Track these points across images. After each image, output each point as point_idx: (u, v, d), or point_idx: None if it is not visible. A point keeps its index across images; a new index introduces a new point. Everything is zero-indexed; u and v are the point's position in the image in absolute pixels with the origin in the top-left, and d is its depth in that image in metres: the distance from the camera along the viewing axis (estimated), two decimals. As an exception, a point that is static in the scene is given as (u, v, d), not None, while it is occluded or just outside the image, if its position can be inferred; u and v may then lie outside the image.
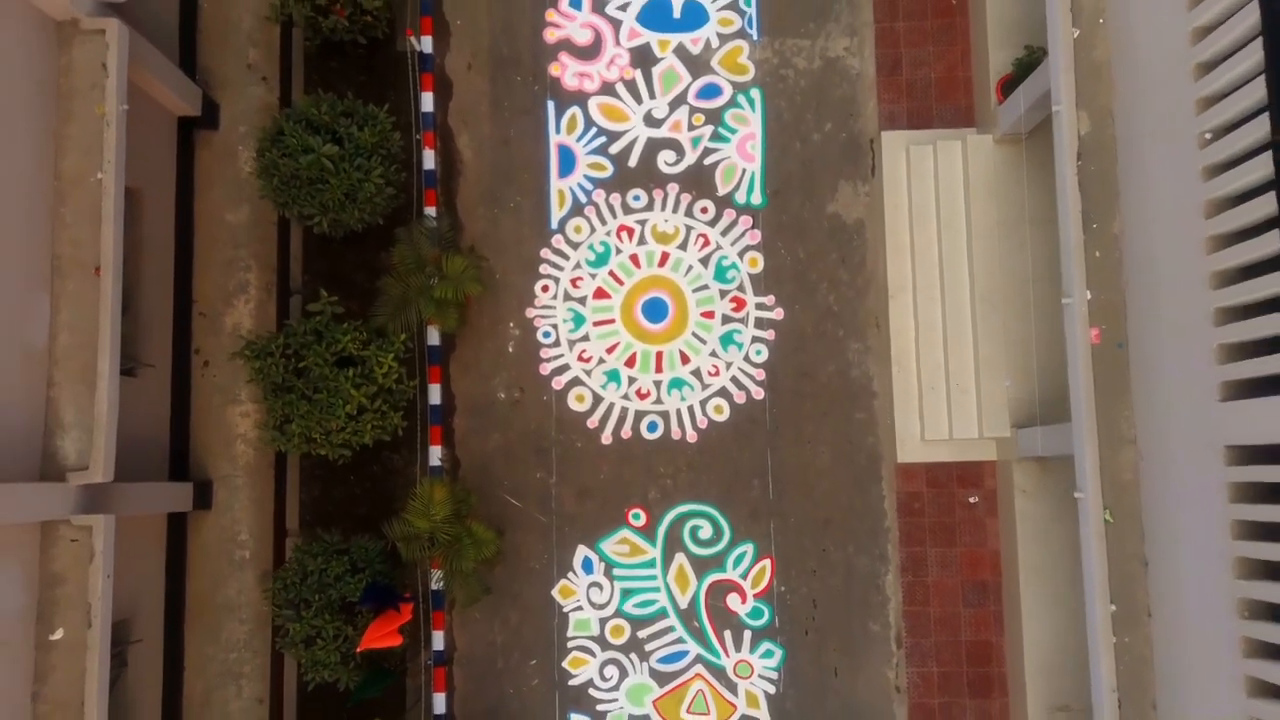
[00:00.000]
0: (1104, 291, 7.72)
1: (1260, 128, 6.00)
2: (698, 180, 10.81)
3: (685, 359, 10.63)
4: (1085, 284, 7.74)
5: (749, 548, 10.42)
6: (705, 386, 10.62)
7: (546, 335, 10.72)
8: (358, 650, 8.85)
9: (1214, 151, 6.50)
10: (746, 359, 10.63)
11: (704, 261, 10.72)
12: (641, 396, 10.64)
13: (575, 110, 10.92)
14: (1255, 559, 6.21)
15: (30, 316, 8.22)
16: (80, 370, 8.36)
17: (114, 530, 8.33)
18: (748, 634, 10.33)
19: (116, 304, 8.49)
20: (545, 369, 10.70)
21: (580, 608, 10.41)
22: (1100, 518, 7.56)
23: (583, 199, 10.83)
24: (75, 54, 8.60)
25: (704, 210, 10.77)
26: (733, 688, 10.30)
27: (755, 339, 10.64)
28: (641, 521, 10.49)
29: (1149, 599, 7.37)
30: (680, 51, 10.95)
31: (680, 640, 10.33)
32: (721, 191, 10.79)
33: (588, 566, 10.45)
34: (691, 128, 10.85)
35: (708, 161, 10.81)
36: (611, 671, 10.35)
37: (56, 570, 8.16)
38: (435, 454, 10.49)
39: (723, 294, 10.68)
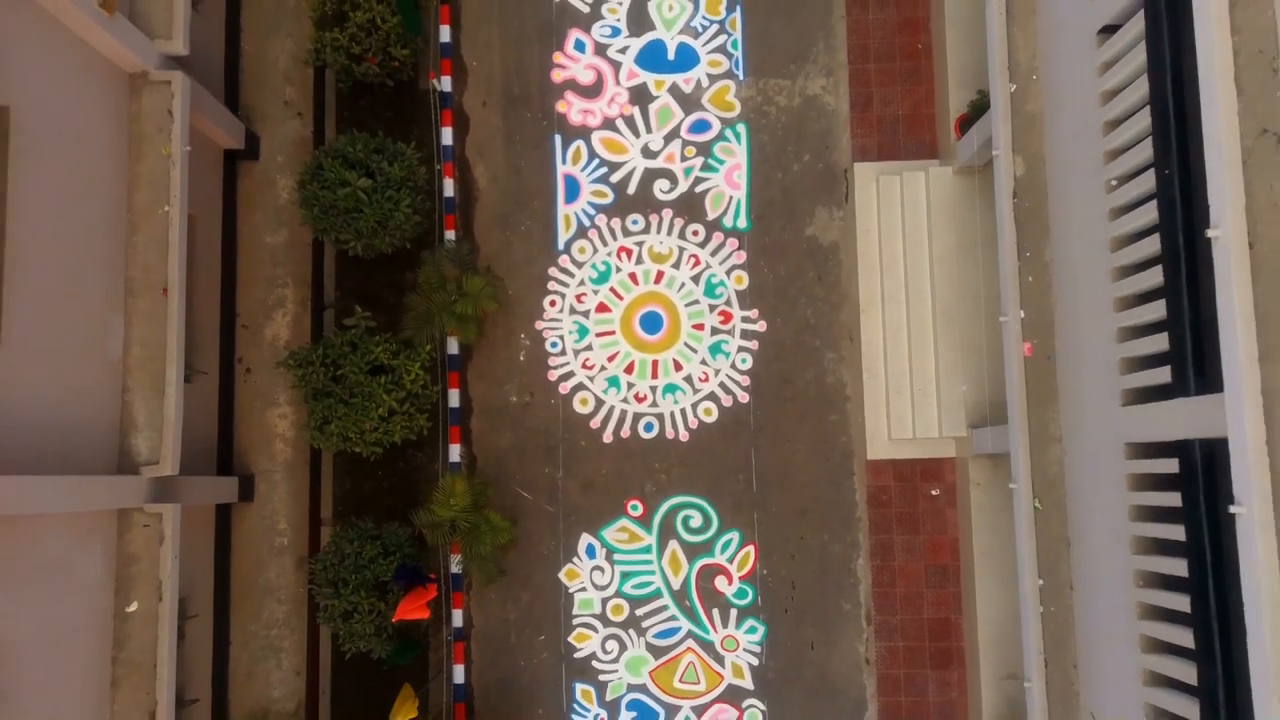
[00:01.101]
0: (1036, 311, 8.96)
1: (1148, 180, 7.24)
2: (689, 206, 12.04)
3: (678, 366, 11.87)
4: (1019, 304, 8.98)
5: (735, 535, 11.65)
6: (696, 391, 11.85)
7: (554, 345, 11.95)
8: (393, 620, 10.08)
9: (1116, 196, 7.72)
10: (733, 366, 11.86)
11: (695, 279, 11.95)
12: (639, 400, 11.87)
13: (579, 143, 12.16)
14: (1148, 538, 7.44)
15: (109, 332, 9.46)
16: (151, 378, 9.60)
17: (180, 517, 9.57)
18: (733, 612, 11.57)
19: (181, 320, 9.74)
20: (553, 375, 11.93)
21: (584, 589, 11.65)
22: (1030, 505, 8.81)
23: (586, 223, 12.07)
24: (145, 102, 9.84)
25: (695, 233, 12.00)
26: (720, 660, 11.53)
27: (741, 349, 11.87)
28: (639, 512, 11.73)
29: (1071, 574, 8.60)
30: (674, 90, 12.19)
31: (673, 618, 11.56)
32: (711, 216, 12.02)
33: (591, 552, 11.69)
34: (684, 159, 12.09)
35: (698, 189, 12.05)
36: (612, 645, 11.58)
37: (132, 551, 9.39)
38: (455, 451, 11.74)
39: (712, 308, 11.92)
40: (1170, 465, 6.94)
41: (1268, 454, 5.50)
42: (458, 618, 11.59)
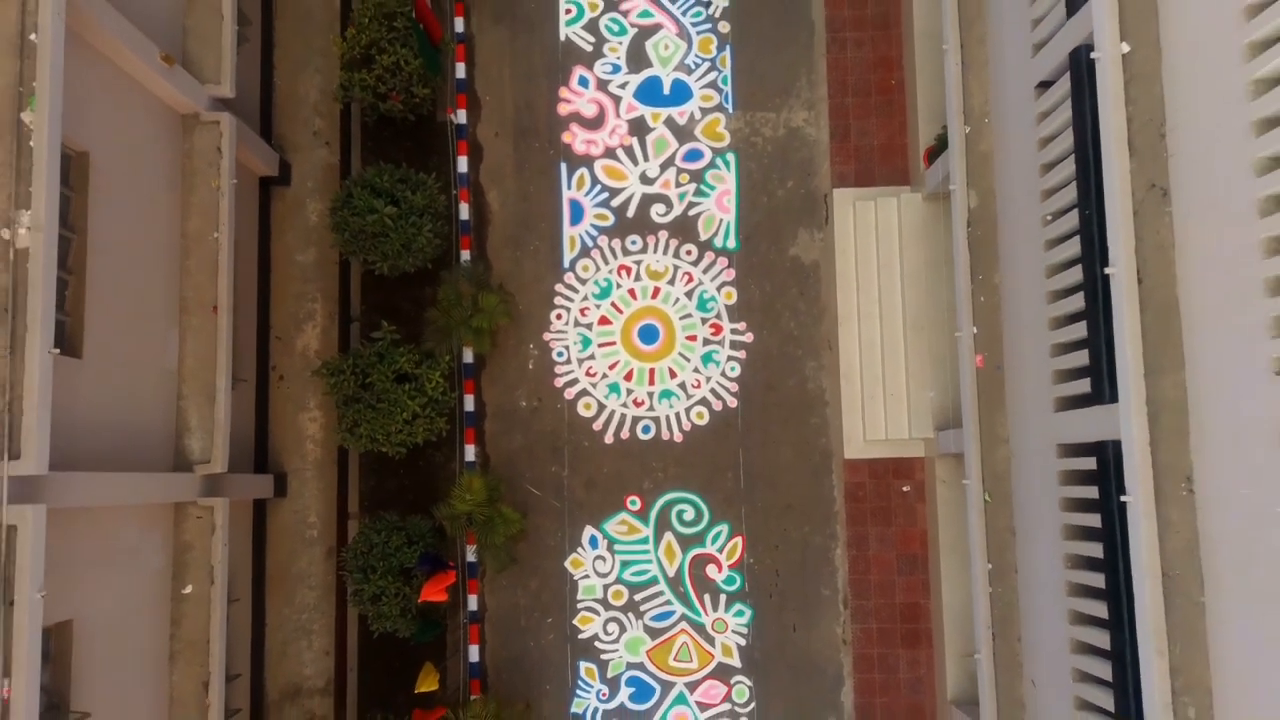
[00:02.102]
0: (987, 327, 10.13)
1: (1074, 218, 8.41)
2: (683, 228, 13.22)
3: (673, 374, 13.05)
4: (972, 321, 10.16)
5: (724, 527, 12.83)
6: (689, 397, 13.03)
7: (560, 355, 13.14)
8: (419, 601, 11.26)
9: (1050, 230, 8.90)
10: (723, 374, 13.04)
11: (688, 295, 13.13)
12: (637, 405, 13.05)
13: (583, 171, 13.35)
14: (1074, 525, 8.60)
15: (166, 346, 10.66)
16: (202, 386, 10.79)
17: (228, 510, 10.76)
18: (723, 597, 12.75)
19: (229, 335, 10.94)
20: (559, 382, 13.11)
21: (587, 576, 12.83)
22: (981, 498, 9.99)
23: (589, 243, 13.25)
24: (196, 140, 11.04)
25: (688, 253, 13.18)
26: (711, 640, 12.71)
27: (730, 358, 13.05)
28: (637, 506, 12.91)
29: (1016, 559, 9.78)
30: (669, 122, 13.37)
31: (668, 602, 12.75)
32: (703, 237, 13.20)
33: (594, 543, 12.87)
34: (678, 185, 13.27)
35: (691, 213, 13.23)
36: (613, 627, 12.76)
37: (186, 540, 10.58)
38: (470, 451, 12.92)
39: (703, 321, 13.10)
40: (1089, 463, 8.11)
41: (1150, 453, 6.68)
42: (473, 602, 12.77)
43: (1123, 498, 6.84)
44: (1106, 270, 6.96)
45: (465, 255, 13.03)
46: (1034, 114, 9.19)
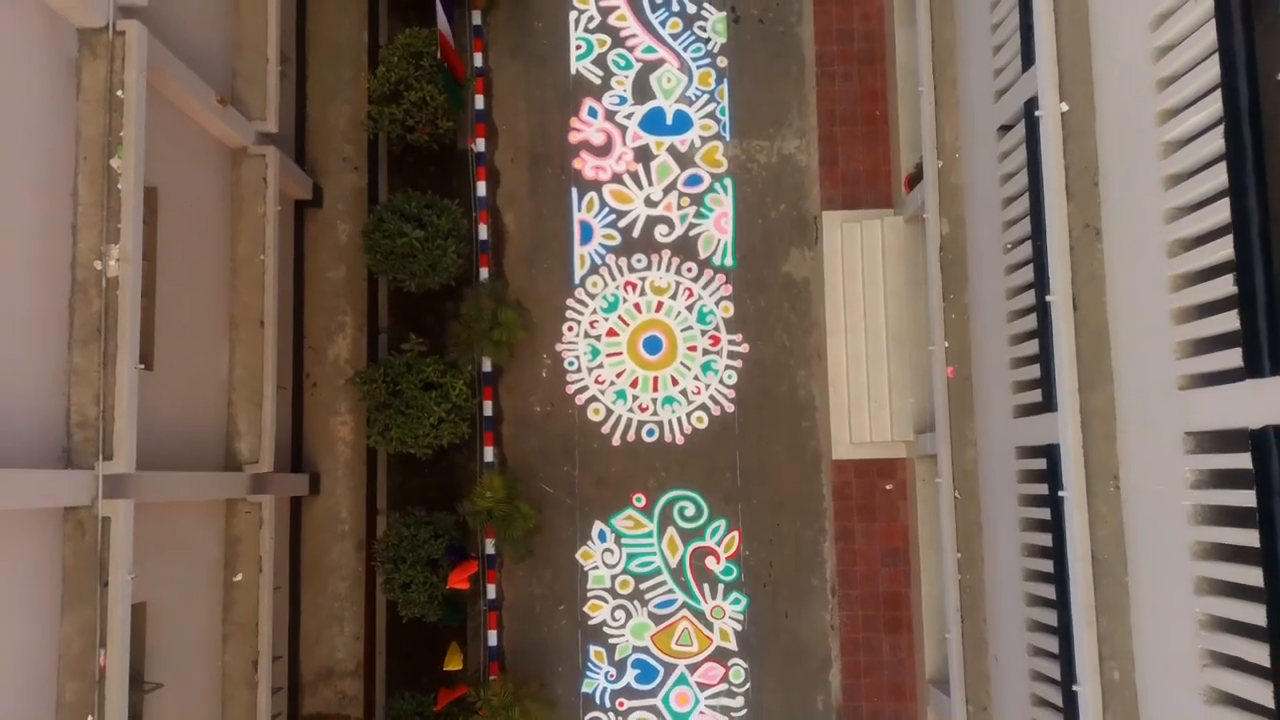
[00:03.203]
0: (957, 341, 11.28)
1: (1028, 248, 9.56)
2: (684, 247, 14.38)
3: (675, 382, 14.20)
4: (944, 336, 11.31)
5: (722, 523, 13.98)
6: (690, 402, 14.18)
7: (571, 364, 14.29)
8: (447, 588, 12.41)
9: (1010, 257, 10.05)
10: (721, 382, 14.19)
11: (689, 309, 14.29)
12: (642, 410, 14.20)
13: (592, 194, 14.51)
14: (1029, 518, 9.75)
15: (218, 357, 11.82)
16: (251, 394, 11.94)
17: (274, 505, 11.92)
18: (721, 586, 13.90)
19: (275, 347, 12.10)
20: (570, 389, 14.27)
21: (597, 567, 13.98)
22: (951, 495, 11.14)
23: (598, 261, 14.41)
24: (244, 171, 12.19)
25: (689, 270, 14.34)
26: (710, 626, 13.87)
27: (728, 367, 14.20)
28: (642, 503, 14.06)
29: (982, 549, 10.93)
30: (671, 150, 14.53)
31: (670, 591, 13.90)
32: (702, 256, 14.35)
33: (602, 536, 14.02)
34: (680, 208, 14.42)
35: (692, 233, 14.39)
36: (620, 614, 13.91)
37: (237, 533, 11.72)
38: (489, 453, 14.09)
39: (703, 333, 14.25)
40: (1041, 464, 9.26)
41: (1083, 455, 7.83)
42: (491, 591, 13.93)
43: (1060, 493, 8.00)
44: (1047, 298, 8.12)
45: (484, 273, 14.19)
46: (996, 153, 10.33)
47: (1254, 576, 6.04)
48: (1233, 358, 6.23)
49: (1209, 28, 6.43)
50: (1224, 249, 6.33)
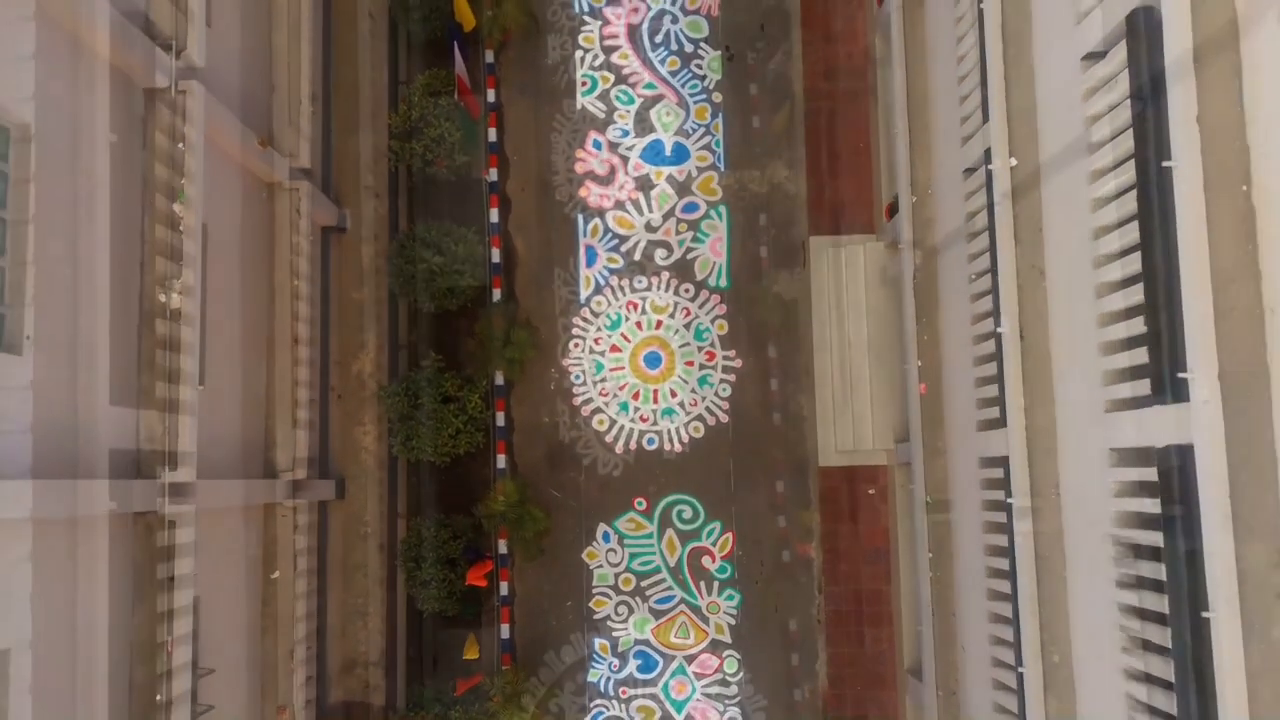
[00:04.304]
0: (929, 360, 12.43)
1: (988, 280, 10.70)
2: (682, 270, 15.54)
3: (674, 394, 15.35)
4: (917, 355, 12.45)
5: (717, 525, 15.12)
6: (688, 414, 15.33)
7: (577, 378, 15.44)
8: (466, 584, 13.55)
9: (974, 287, 11.20)
10: (716, 394, 15.34)
11: (687, 327, 15.44)
12: (643, 420, 15.34)
13: (597, 220, 15.66)
14: (990, 521, 10.89)
15: (257, 375, 12.97)
16: (286, 408, 13.09)
17: (308, 509, 13.06)
18: (716, 583, 15.05)
19: (307, 365, 13.24)
20: (576, 401, 15.41)
21: (601, 566, 15.13)
22: (923, 500, 12.29)
23: (602, 283, 15.56)
24: (279, 204, 13.33)
25: (687, 290, 15.49)
26: (706, 620, 15.01)
27: (722, 380, 15.35)
28: (643, 507, 15.20)
29: (952, 547, 12.08)
30: (670, 179, 15.68)
31: (669, 588, 15.04)
32: (699, 278, 15.50)
33: (606, 538, 15.17)
34: (678, 233, 15.58)
35: (689, 256, 15.54)
36: (623, 609, 15.05)
37: (275, 534, 12.86)
38: (501, 460, 15.23)
39: (699, 349, 15.40)
40: (998, 472, 10.41)
41: (1028, 466, 8.98)
42: (504, 588, 15.07)
43: (1009, 499, 9.15)
44: (998, 328, 9.28)
45: (497, 294, 15.34)
46: (962, 193, 11.48)
47: (1161, 571, 7.19)
48: (1144, 386, 7.38)
49: (1126, 104, 7.57)
50: (1138, 294, 7.48)
